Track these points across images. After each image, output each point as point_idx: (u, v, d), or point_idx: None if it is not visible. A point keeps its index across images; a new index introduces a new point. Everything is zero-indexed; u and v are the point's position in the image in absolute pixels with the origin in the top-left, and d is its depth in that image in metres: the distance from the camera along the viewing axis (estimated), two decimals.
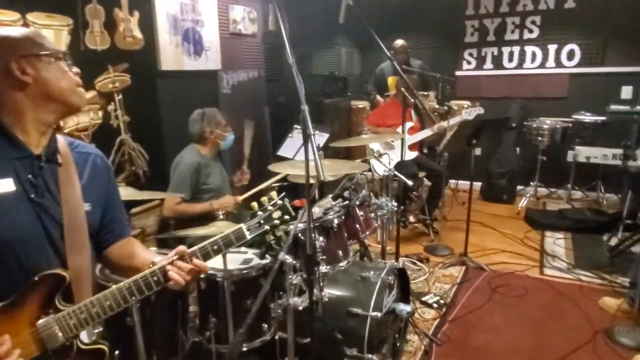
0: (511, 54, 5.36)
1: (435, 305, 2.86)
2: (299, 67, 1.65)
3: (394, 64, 2.59)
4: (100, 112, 2.76)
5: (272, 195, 1.37)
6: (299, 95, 1.62)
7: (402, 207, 3.28)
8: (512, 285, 3.15)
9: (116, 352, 1.72)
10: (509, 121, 4.61)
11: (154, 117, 3.10)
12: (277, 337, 2.14)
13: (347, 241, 2.24)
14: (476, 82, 5.55)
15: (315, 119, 1.62)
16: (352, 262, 2.27)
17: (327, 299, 2.00)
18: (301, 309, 1.88)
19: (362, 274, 2.16)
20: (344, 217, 2.22)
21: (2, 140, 1.07)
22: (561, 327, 2.65)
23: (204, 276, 2.04)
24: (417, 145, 4.12)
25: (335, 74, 5.12)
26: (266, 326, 2.15)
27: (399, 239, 2.85)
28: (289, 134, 3.14)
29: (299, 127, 2.05)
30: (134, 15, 2.93)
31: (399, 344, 2.32)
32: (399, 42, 4.62)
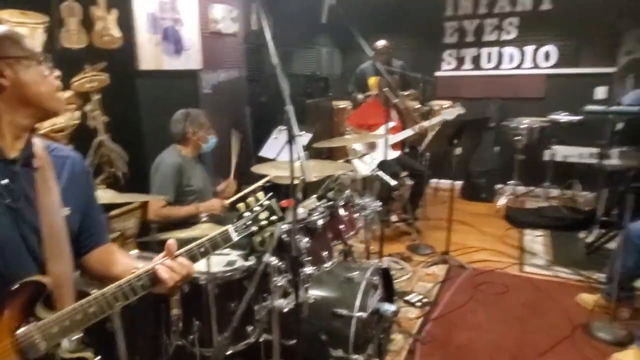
0: (489, 55, 5.44)
1: (418, 304, 2.88)
2: (281, 68, 1.64)
3: (376, 64, 2.59)
4: (77, 113, 2.69)
5: (259, 195, 1.36)
6: (283, 95, 1.62)
7: (384, 207, 3.30)
8: (493, 282, 3.20)
9: (97, 358, 1.68)
10: (488, 121, 4.68)
11: (134, 118, 3.04)
12: (261, 339, 2.12)
13: (332, 242, 2.24)
14: (456, 83, 5.61)
15: (297, 119, 1.61)
16: (337, 262, 2.27)
17: (312, 300, 1.98)
18: (286, 310, 1.88)
19: (347, 275, 2.16)
20: (328, 218, 2.21)
21: None
22: (541, 324, 2.70)
23: None
24: (399, 144, 4.14)
25: (316, 74, 5.11)
26: (251, 328, 2.12)
27: (382, 238, 2.86)
28: (272, 134, 3.12)
29: (283, 127, 2.04)
30: (112, 13, 2.87)
31: (384, 344, 2.33)
32: (381, 42, 4.64)
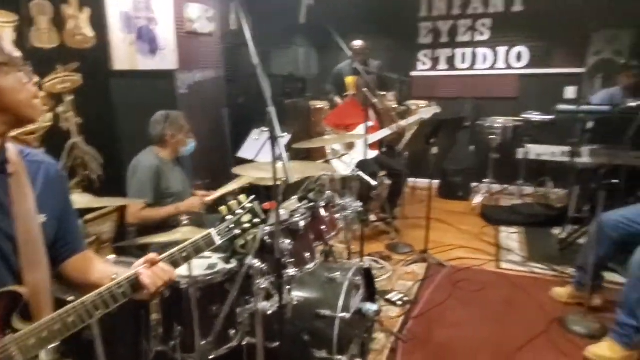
0: (464, 55, 5.53)
1: (399, 302, 2.91)
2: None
3: (356, 64, 2.60)
4: (49, 115, 2.61)
5: (241, 198, 1.34)
6: (265, 96, 1.60)
7: (363, 207, 3.31)
8: (471, 280, 3.25)
9: None
10: (464, 120, 4.76)
11: (108, 119, 2.97)
12: (244, 343, 2.10)
13: (314, 243, 2.23)
14: (431, 83, 5.69)
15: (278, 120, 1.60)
16: (318, 263, 2.27)
17: (295, 302, 1.98)
18: (270, 313, 1.86)
19: (329, 276, 2.16)
20: (309, 219, 2.21)
21: None
22: (518, 319, 2.76)
23: None
24: (377, 144, 4.17)
25: (294, 74, 5.10)
26: (233, 332, 2.10)
27: (363, 238, 2.87)
28: (251, 135, 3.10)
29: (263, 128, 2.02)
30: (84, 12, 2.79)
31: (367, 344, 2.34)
32: (358, 42, 4.66)
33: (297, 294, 2.08)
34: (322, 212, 2.33)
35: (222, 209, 1.30)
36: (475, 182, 5.29)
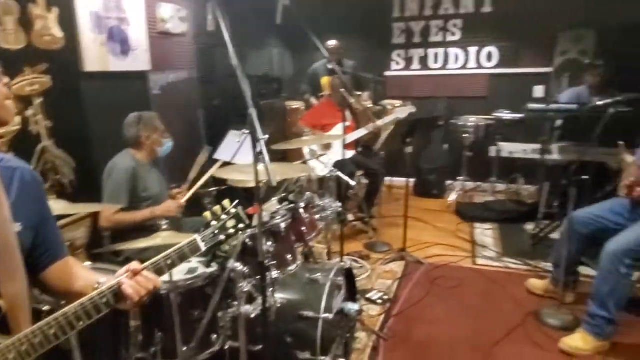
0: (436, 55, 5.62)
1: (379, 301, 2.93)
2: (233, 68, 1.61)
3: (333, 65, 2.61)
4: (17, 118, 2.52)
5: (225, 203, 1.33)
6: (245, 98, 1.59)
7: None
8: (448, 276, 3.31)
9: None
10: (438, 119, 4.84)
11: (79, 122, 2.89)
12: (227, 347, 2.08)
13: (295, 244, 2.23)
14: (405, 82, 5.76)
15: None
16: (300, 265, 2.27)
17: (279, 304, 1.97)
18: (253, 316, 1.85)
19: (311, 277, 2.16)
20: (290, 221, 2.21)
21: None
22: (495, 314, 2.83)
23: None
24: (353, 144, 4.19)
25: (269, 75, 5.07)
26: (215, 337, 2.08)
27: (342, 238, 2.88)
28: (227, 136, 3.06)
29: (239, 130, 2.00)
30: (52, 11, 2.71)
31: (350, 343, 2.35)
32: (332, 42, 4.67)
33: (280, 296, 2.08)
34: (303, 213, 2.33)
35: (206, 214, 1.29)
36: (449, 180, 5.38)
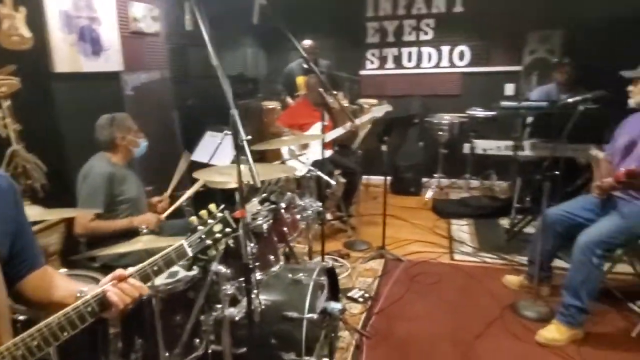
0: (410, 54, 5.69)
1: (361, 299, 2.95)
2: (207, 68, 1.59)
3: (309, 64, 2.61)
4: None
5: (211, 207, 1.31)
6: (226, 98, 1.58)
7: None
8: (427, 273, 3.36)
9: None
10: (414, 118, 4.90)
11: (51, 124, 2.80)
12: (210, 351, 2.05)
13: (277, 245, 2.22)
14: (380, 81, 5.81)
15: (229, 121, 1.57)
16: (282, 265, 2.26)
17: (263, 306, 1.96)
18: (237, 319, 1.83)
19: (294, 277, 2.15)
20: (272, 221, 2.20)
21: None
22: (474, 308, 2.89)
23: None
24: (331, 143, 4.20)
25: (244, 74, 5.04)
26: (198, 341, 2.05)
27: (323, 237, 2.89)
28: (204, 137, 3.02)
29: (228, 131, 1.98)
30: (20, 11, 2.61)
31: (334, 343, 2.35)
32: (307, 42, 4.68)
33: (263, 298, 2.06)
34: (284, 214, 2.32)
35: (193, 219, 1.27)
36: (425, 178, 5.46)
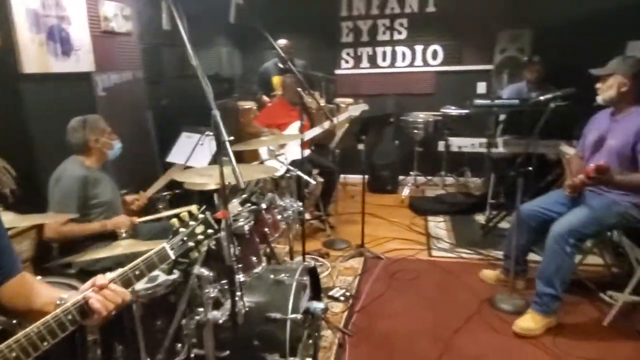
0: (384, 54, 5.74)
1: (342, 298, 2.96)
2: (182, 68, 1.57)
3: (289, 64, 2.61)
4: None
5: (193, 209, 1.29)
6: (208, 98, 1.56)
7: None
8: (406, 269, 3.40)
9: None
10: (390, 116, 4.95)
11: (20, 127, 2.70)
12: (192, 355, 2.02)
13: (259, 246, 2.21)
14: (355, 80, 5.84)
15: (206, 122, 1.56)
16: (264, 266, 2.25)
17: (247, 308, 1.94)
18: (221, 322, 1.81)
19: (276, 278, 2.14)
20: (253, 222, 2.18)
21: None
22: (452, 303, 2.93)
23: None
24: (308, 143, 4.20)
25: (220, 74, 4.98)
26: (180, 345, 2.02)
27: (304, 237, 2.89)
28: (180, 138, 2.98)
29: (210, 132, 1.95)
30: None
31: (318, 343, 2.35)
32: (283, 41, 4.66)
33: (246, 299, 2.05)
34: (265, 214, 2.31)
35: (174, 221, 1.25)
36: (402, 175, 5.52)
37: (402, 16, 5.60)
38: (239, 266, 1.99)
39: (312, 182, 2.79)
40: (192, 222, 1.27)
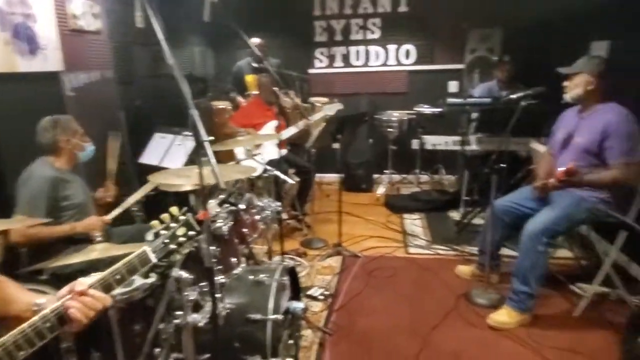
0: (358, 53, 5.78)
1: (321, 297, 2.96)
2: (154, 67, 1.55)
3: (265, 63, 2.59)
4: None
5: (173, 211, 1.27)
6: (185, 98, 1.54)
7: None
8: (384, 267, 3.43)
9: None
10: (365, 115, 4.98)
11: None
12: (171, 359, 1.99)
13: (238, 247, 2.19)
14: (329, 80, 5.86)
15: (180, 122, 1.54)
16: (244, 267, 2.23)
17: (227, 310, 1.92)
18: (202, 324, 1.79)
19: (256, 278, 2.13)
20: (232, 223, 2.16)
21: None
22: (430, 299, 2.98)
23: None
24: (285, 142, 4.18)
25: (193, 74, 4.90)
26: (158, 350, 1.98)
27: (282, 237, 2.87)
28: (153, 139, 2.92)
29: (188, 133, 1.92)
30: None
31: (299, 343, 2.35)
32: (256, 40, 4.62)
33: (226, 301, 2.03)
34: (243, 215, 2.29)
35: (155, 223, 1.22)
36: (376, 174, 5.56)
37: (375, 16, 5.64)
38: (219, 268, 1.96)
39: (291, 181, 2.78)
40: (173, 224, 1.25)
